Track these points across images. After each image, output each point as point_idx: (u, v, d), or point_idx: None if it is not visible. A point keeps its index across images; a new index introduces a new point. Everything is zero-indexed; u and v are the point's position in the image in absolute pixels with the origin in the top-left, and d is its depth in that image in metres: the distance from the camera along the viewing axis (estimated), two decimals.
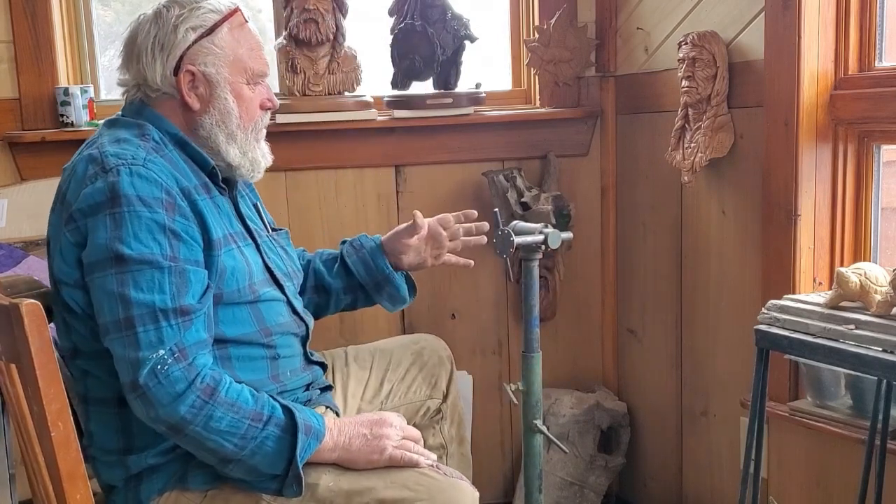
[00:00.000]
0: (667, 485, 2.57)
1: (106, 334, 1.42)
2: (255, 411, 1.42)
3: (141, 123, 1.55)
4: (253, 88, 1.60)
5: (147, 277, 1.40)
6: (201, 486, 1.50)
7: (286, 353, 1.62)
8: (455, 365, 1.98)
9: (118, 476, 1.54)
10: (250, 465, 1.43)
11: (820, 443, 1.93)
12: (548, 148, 2.62)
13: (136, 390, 1.38)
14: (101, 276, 1.41)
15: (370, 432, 1.50)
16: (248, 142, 1.61)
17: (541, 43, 2.55)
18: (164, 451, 1.51)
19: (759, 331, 1.71)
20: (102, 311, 1.41)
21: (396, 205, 2.59)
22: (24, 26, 2.36)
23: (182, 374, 1.39)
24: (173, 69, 1.54)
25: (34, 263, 2.08)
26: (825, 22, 1.90)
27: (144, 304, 1.39)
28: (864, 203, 1.94)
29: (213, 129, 1.57)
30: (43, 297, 1.40)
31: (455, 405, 1.95)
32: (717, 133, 2.12)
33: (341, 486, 1.47)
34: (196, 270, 1.46)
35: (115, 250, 1.40)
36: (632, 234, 2.62)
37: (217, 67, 1.55)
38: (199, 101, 1.56)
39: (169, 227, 1.43)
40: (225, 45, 1.56)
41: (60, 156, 2.36)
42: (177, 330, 1.40)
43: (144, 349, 1.38)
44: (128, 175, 1.42)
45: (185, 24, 1.54)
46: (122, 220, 1.41)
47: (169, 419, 1.39)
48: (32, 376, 1.16)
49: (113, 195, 1.41)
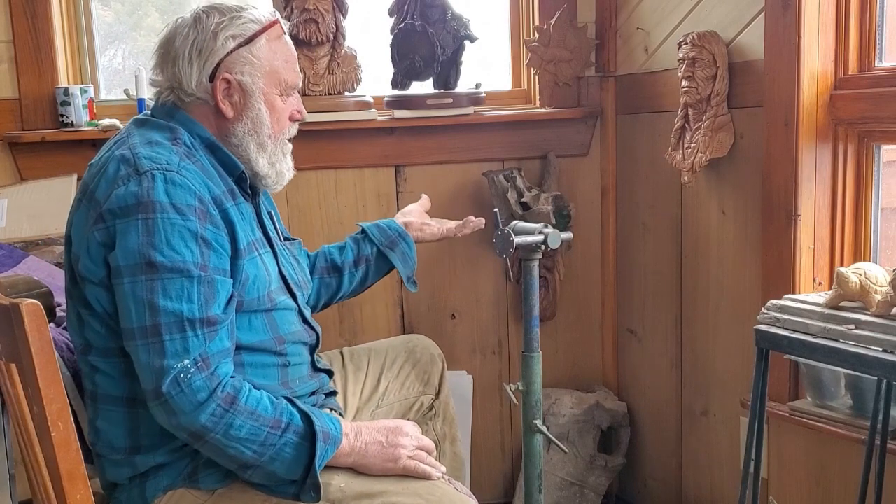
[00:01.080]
0: (667, 485, 2.57)
1: (131, 339, 1.41)
2: (275, 419, 1.43)
3: (173, 126, 1.55)
4: (285, 100, 1.61)
5: (177, 286, 1.40)
6: (211, 485, 1.50)
7: (296, 360, 1.63)
8: (447, 364, 2.00)
9: (124, 474, 1.54)
10: (269, 471, 1.45)
11: (820, 443, 1.93)
12: (548, 148, 2.62)
13: (158, 398, 1.39)
14: (130, 282, 1.41)
15: (386, 440, 1.51)
16: (277, 153, 1.62)
17: (541, 43, 2.55)
18: (172, 450, 1.51)
19: (759, 331, 1.71)
20: (129, 315, 1.41)
21: (396, 205, 2.59)
22: (24, 26, 2.36)
23: (204, 383, 1.39)
24: (209, 76, 1.54)
25: (34, 263, 2.08)
26: (825, 22, 1.90)
27: (172, 313, 1.39)
28: (864, 203, 1.94)
29: (244, 138, 1.58)
30: (43, 297, 1.40)
31: (446, 403, 1.96)
32: (717, 133, 2.12)
33: (353, 489, 1.48)
34: (223, 280, 1.46)
35: (146, 256, 1.40)
36: (632, 234, 2.62)
37: (253, 77, 1.55)
38: (232, 109, 1.56)
39: (201, 236, 1.43)
40: (262, 56, 1.56)
41: (60, 156, 2.39)
42: (202, 340, 1.40)
43: (169, 358, 1.38)
44: (162, 182, 1.42)
45: (224, 31, 1.54)
46: (154, 226, 1.40)
47: (190, 427, 1.40)
48: (33, 376, 1.16)
49: (147, 201, 1.41)
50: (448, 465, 1.92)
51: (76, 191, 1.55)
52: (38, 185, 2.35)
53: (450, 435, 1.96)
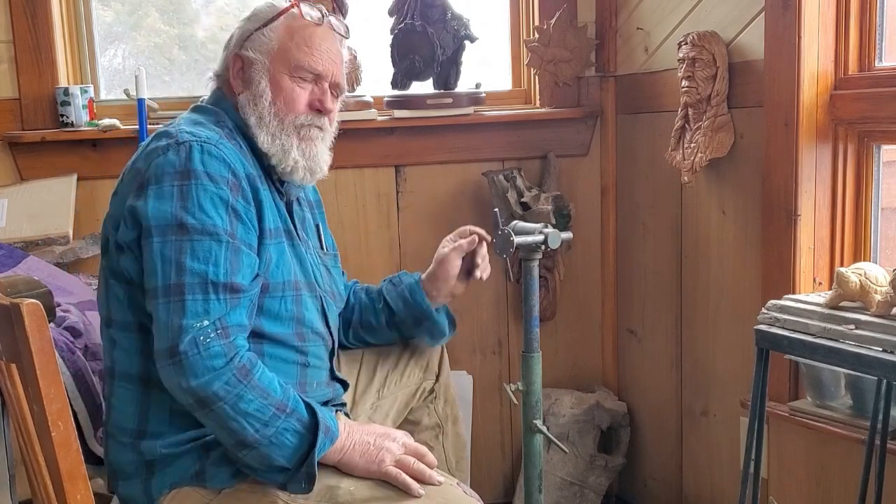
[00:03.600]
0: (667, 485, 2.57)
1: (153, 298, 1.43)
2: (282, 401, 1.44)
3: (218, 111, 1.63)
4: (297, 82, 1.62)
5: (205, 247, 1.43)
6: (218, 484, 1.50)
7: (316, 363, 1.64)
8: (446, 350, 1.98)
9: (128, 460, 1.54)
10: (264, 454, 1.44)
11: (820, 443, 1.93)
12: (548, 148, 2.62)
13: (173, 356, 1.39)
14: (160, 241, 1.44)
15: (374, 442, 1.51)
16: (280, 132, 1.61)
17: (541, 43, 2.55)
18: (177, 443, 1.51)
19: (759, 331, 1.71)
20: (154, 274, 1.43)
21: (396, 205, 2.59)
22: (24, 26, 2.36)
23: (222, 349, 1.40)
24: (229, 56, 1.65)
25: (34, 263, 2.08)
26: (825, 22, 1.90)
27: (198, 274, 1.42)
28: (864, 203, 1.94)
29: (246, 109, 1.62)
30: (43, 297, 1.40)
31: (447, 384, 1.96)
32: (717, 133, 2.12)
33: (362, 493, 1.47)
34: (249, 254, 1.49)
35: (178, 218, 1.43)
36: (632, 234, 2.62)
37: (259, 53, 1.62)
38: (241, 84, 1.63)
39: (231, 205, 1.48)
40: (274, 36, 1.62)
41: (60, 156, 2.39)
42: (224, 305, 1.42)
43: (189, 317, 1.40)
44: (199, 152, 1.48)
45: (249, 20, 1.66)
46: (188, 192, 1.45)
47: (200, 392, 1.39)
48: (33, 376, 1.16)
49: (183, 169, 1.46)
50: (451, 445, 1.93)
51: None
52: (38, 185, 2.35)
53: (451, 415, 1.96)
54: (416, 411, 1.93)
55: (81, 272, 2.30)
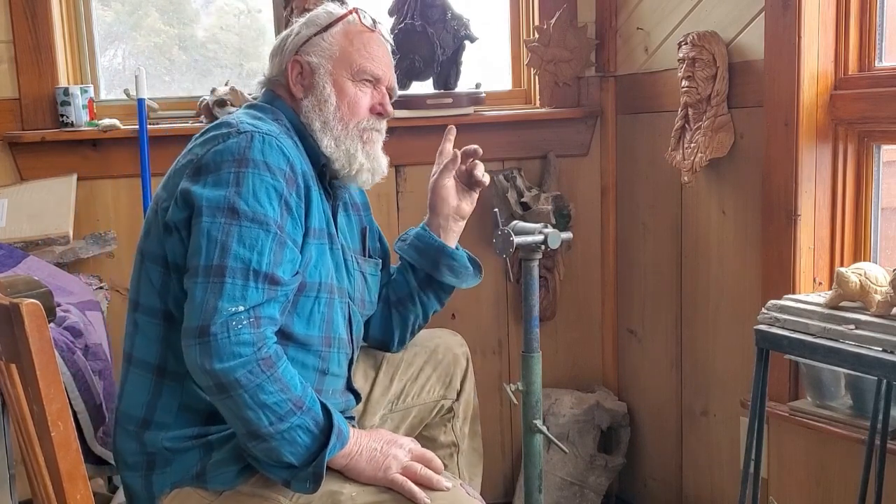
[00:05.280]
0: (667, 485, 2.57)
1: (193, 276, 1.43)
2: (300, 398, 1.43)
3: (275, 109, 1.65)
4: (359, 86, 1.65)
5: (253, 235, 1.43)
6: (219, 486, 1.50)
7: (335, 370, 1.63)
8: (472, 366, 1.94)
9: (131, 449, 1.54)
10: (274, 448, 1.43)
11: (820, 443, 1.93)
12: (548, 148, 2.62)
13: (202, 336, 1.38)
14: (209, 221, 1.43)
15: (381, 449, 1.51)
16: (345, 137, 1.63)
17: (541, 43, 2.55)
18: (180, 438, 1.51)
19: (759, 331, 1.71)
20: (199, 253, 1.43)
21: (396, 205, 2.59)
22: (24, 26, 2.36)
23: (251, 338, 1.39)
24: (286, 61, 1.66)
25: (34, 263, 2.08)
26: (825, 22, 1.90)
27: (241, 259, 1.42)
28: (864, 203, 1.94)
29: (310, 114, 1.63)
30: (43, 297, 1.40)
31: (469, 402, 1.92)
32: (717, 133, 2.12)
33: (364, 498, 1.47)
34: (293, 249, 1.49)
35: (231, 202, 1.44)
36: (632, 234, 2.62)
37: (320, 59, 1.63)
38: (302, 91, 1.64)
39: (285, 198, 1.48)
40: (334, 41, 1.64)
41: (60, 156, 2.39)
42: (261, 294, 1.42)
43: (226, 300, 1.39)
44: (260, 142, 1.49)
45: (304, 27, 1.67)
46: (245, 179, 1.45)
47: (222, 376, 1.38)
48: (33, 376, 1.16)
49: (241, 157, 1.47)
50: (467, 462, 1.92)
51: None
52: (38, 185, 2.35)
53: (471, 431, 1.94)
54: (432, 428, 1.89)
55: (81, 272, 2.30)
